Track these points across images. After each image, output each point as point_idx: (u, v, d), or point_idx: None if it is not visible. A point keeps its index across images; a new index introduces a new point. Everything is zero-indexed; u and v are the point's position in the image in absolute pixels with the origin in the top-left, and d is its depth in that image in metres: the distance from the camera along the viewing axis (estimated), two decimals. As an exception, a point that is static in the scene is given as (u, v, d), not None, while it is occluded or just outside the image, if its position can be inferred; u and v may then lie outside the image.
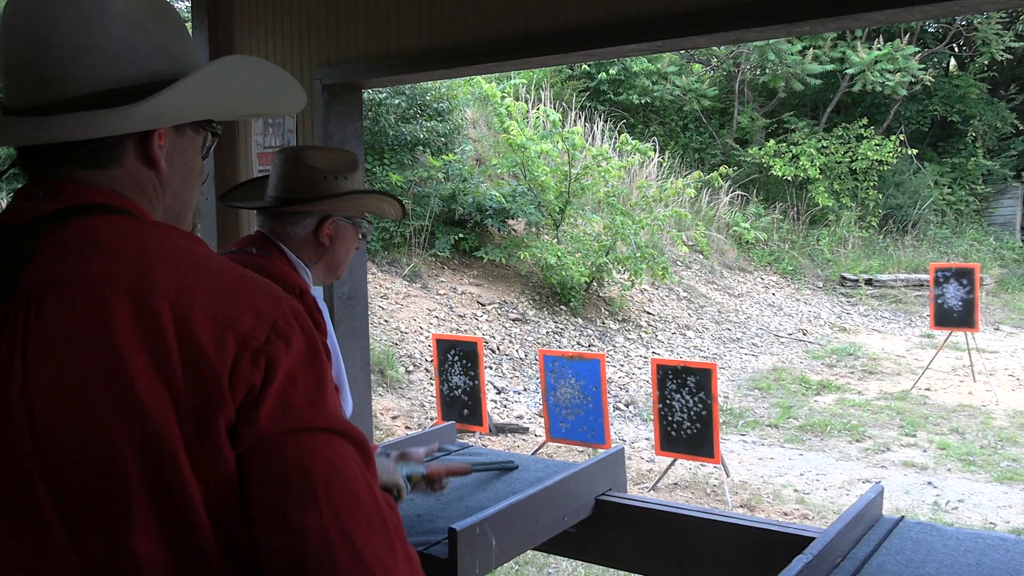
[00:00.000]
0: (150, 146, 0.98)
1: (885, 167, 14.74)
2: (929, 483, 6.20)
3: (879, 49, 14.14)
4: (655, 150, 12.65)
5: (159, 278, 0.88)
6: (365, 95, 3.76)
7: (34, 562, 0.87)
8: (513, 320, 9.17)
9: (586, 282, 9.85)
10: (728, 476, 6.04)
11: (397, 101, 9.67)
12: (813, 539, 1.99)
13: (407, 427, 6.92)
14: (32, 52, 0.93)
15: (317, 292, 2.83)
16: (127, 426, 0.85)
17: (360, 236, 2.09)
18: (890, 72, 14.11)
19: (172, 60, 0.99)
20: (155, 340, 0.86)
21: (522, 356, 8.62)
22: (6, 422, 0.86)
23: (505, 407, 7.66)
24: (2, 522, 0.87)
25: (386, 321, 8.20)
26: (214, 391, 0.86)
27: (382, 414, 6.92)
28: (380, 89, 9.39)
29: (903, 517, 2.18)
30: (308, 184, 1.96)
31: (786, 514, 5.65)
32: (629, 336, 9.79)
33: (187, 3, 9.91)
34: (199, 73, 0.99)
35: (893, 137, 14.65)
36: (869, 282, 13.23)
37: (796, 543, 2.10)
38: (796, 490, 6.10)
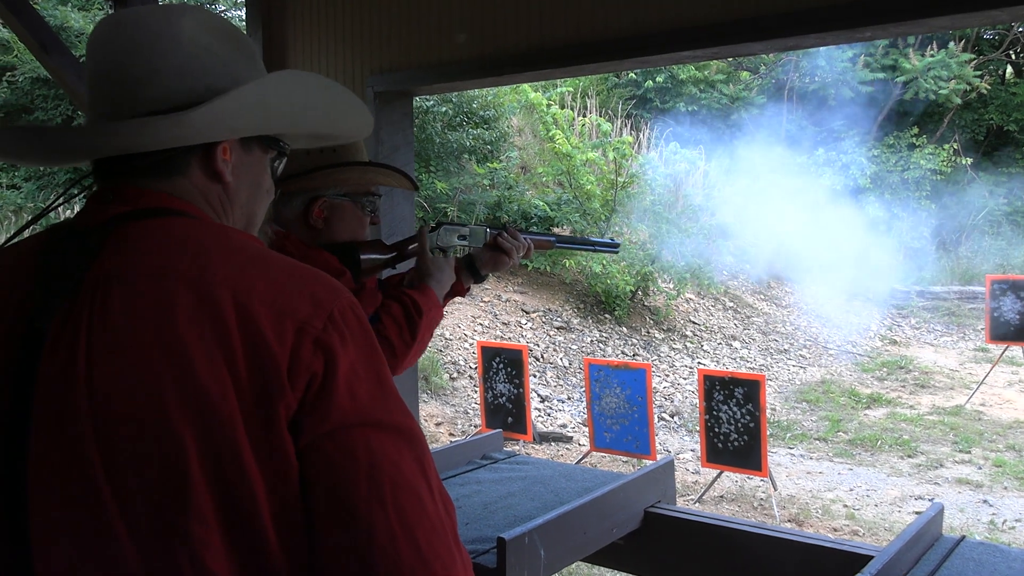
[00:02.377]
0: (214, 159, 1.00)
1: (938, 177, 14.44)
2: (984, 501, 6.03)
3: (932, 56, 13.88)
4: (702, 158, 12.55)
5: (219, 268, 0.90)
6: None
7: (96, 555, 0.87)
8: (557, 328, 9.15)
9: (631, 291, 9.79)
10: (776, 490, 5.94)
11: (444, 109, 9.72)
12: (869, 557, 1.94)
13: (451, 434, 6.93)
14: (108, 77, 0.98)
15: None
16: (188, 412, 0.85)
17: (369, 214, 1.88)
18: (944, 80, 13.84)
19: (239, 82, 1.01)
20: (217, 327, 0.87)
21: (566, 364, 8.59)
22: (72, 409, 0.87)
23: (549, 415, 7.64)
24: (70, 518, 0.87)
25: (431, 328, 8.22)
26: (274, 378, 0.86)
27: (426, 420, 6.94)
28: (427, 97, 9.45)
29: (964, 537, 2.11)
30: (290, 159, 1.80)
31: (836, 530, 5.53)
32: (674, 346, 9.70)
33: (242, 12, 10.09)
34: (256, 83, 1.00)
35: (947, 146, 14.35)
36: (921, 294, 12.95)
37: (852, 561, 2.05)
38: (846, 505, 5.97)
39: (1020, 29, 15.03)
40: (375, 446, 0.88)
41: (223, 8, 10.61)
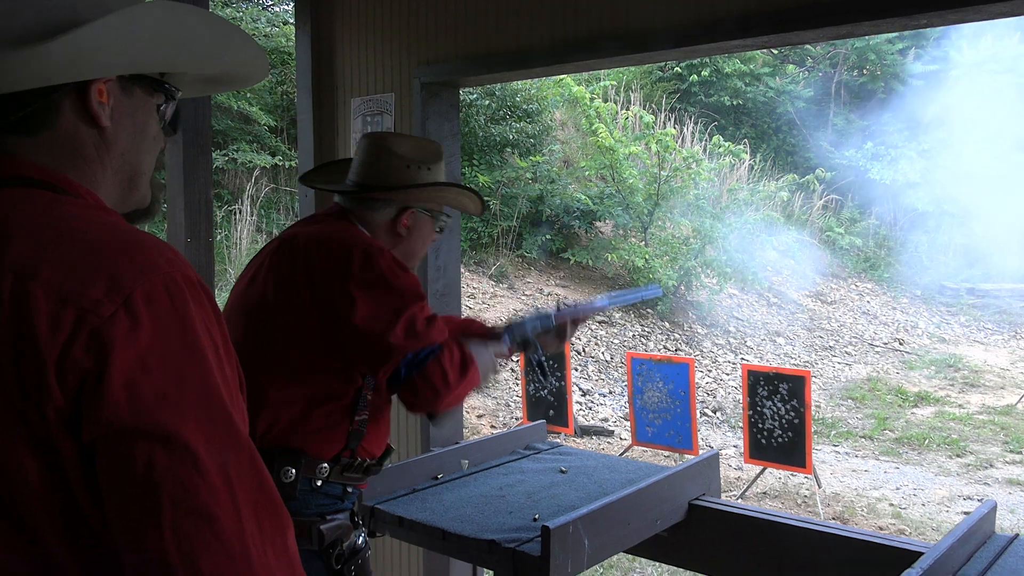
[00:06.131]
0: (88, 101, 0.91)
1: (991, 171, 14.09)
2: (1036, 503, 5.90)
3: (987, 49, 13.56)
4: (747, 152, 12.42)
5: (15, 249, 0.81)
6: (460, 94, 3.78)
7: None
8: (599, 322, 9.12)
9: (674, 285, 9.73)
10: (820, 487, 5.87)
11: (487, 102, 9.74)
12: (919, 554, 1.91)
13: (492, 426, 6.95)
14: None
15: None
16: None
17: (437, 230, 2.05)
18: (998, 73, 13.51)
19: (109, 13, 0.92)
20: None
21: (608, 359, 8.56)
22: None
23: (590, 409, 7.63)
24: None
25: (473, 320, 8.26)
26: (40, 377, 0.77)
27: (467, 412, 6.97)
28: (471, 90, 9.48)
29: (1017, 535, 2.07)
30: (391, 171, 1.93)
31: (881, 528, 5.45)
32: (717, 341, 9.62)
33: (289, 6, 10.18)
34: (122, 12, 0.90)
35: (999, 141, 14.00)
36: (971, 291, 12.68)
37: (901, 557, 2.02)
38: (892, 504, 5.88)
39: (1078, 20, 14.60)
40: (156, 459, 0.77)
41: (271, 3, 10.73)
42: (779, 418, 5.57)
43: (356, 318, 1.74)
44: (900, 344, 10.76)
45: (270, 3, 10.68)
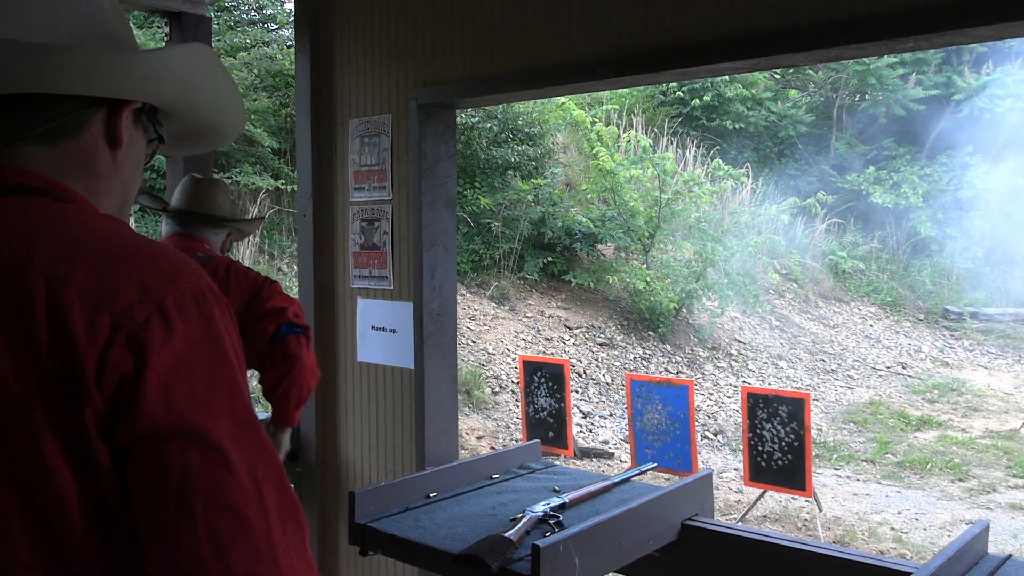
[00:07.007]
0: (118, 123, 0.94)
1: (993, 195, 14.12)
2: (1039, 527, 5.86)
3: (988, 74, 13.62)
4: (748, 176, 12.46)
5: (37, 255, 0.82)
6: (458, 119, 3.82)
7: None
8: (600, 345, 9.12)
9: (675, 308, 9.73)
10: (820, 510, 5.84)
11: (489, 125, 9.80)
12: (910, 574, 1.90)
13: (492, 447, 6.93)
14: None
15: (407, 307, 2.88)
16: None
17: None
18: (1000, 98, 13.57)
19: (133, 43, 0.96)
20: (24, 322, 0.79)
21: (608, 381, 8.55)
22: None
23: (591, 431, 7.61)
24: None
25: (473, 342, 8.27)
26: (80, 381, 0.78)
27: (467, 434, 6.96)
28: (473, 113, 9.55)
29: (1011, 555, 2.06)
30: (230, 206, 2.80)
31: (882, 552, 5.42)
32: (719, 364, 9.60)
33: (291, 31, 10.28)
34: (185, 48, 0.95)
35: (1001, 165, 14.04)
36: (974, 315, 12.66)
37: (893, 578, 2.01)
38: (893, 528, 5.85)
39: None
40: (191, 459, 0.79)
41: (275, 27, 10.83)
42: (779, 440, 5.55)
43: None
44: (903, 368, 10.73)
45: (275, 27, 10.77)
